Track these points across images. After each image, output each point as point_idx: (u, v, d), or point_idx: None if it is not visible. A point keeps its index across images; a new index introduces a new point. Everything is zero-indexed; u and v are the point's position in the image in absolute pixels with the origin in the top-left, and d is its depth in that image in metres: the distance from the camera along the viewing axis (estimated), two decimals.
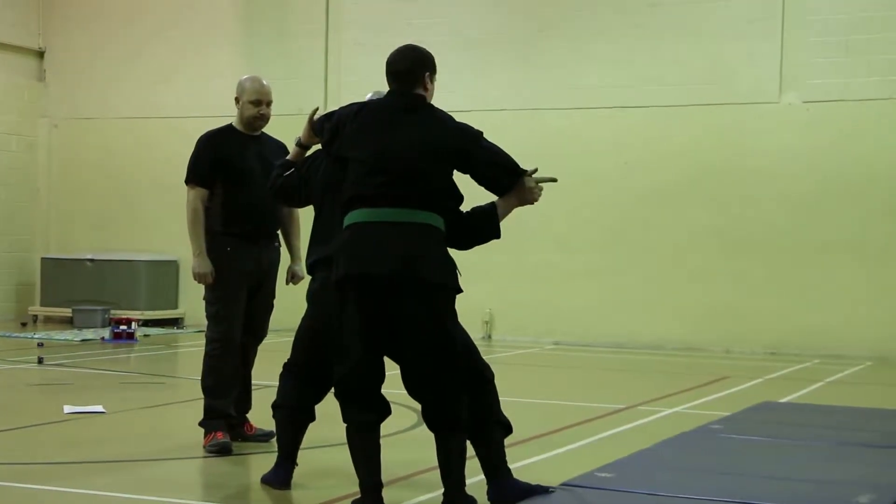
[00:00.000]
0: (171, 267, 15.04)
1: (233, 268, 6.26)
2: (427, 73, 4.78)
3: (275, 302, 6.57)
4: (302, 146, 5.26)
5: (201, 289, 6.37)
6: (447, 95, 15.05)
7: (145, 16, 15.68)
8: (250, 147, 6.39)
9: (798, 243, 12.75)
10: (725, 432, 6.57)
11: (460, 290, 4.67)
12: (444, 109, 4.87)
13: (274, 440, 5.75)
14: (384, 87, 4.98)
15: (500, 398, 4.97)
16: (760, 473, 5.39)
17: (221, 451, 6.11)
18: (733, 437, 6.40)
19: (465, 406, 4.67)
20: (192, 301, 14.71)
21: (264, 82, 6.43)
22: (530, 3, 13.94)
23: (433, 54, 4.87)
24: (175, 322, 14.87)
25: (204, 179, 6.32)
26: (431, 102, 4.80)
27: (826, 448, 6.10)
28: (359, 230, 4.59)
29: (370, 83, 12.46)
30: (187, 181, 6.37)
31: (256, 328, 6.46)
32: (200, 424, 6.28)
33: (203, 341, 6.37)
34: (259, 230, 6.37)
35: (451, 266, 4.64)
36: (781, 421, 7.15)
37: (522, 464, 5.71)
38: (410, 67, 4.77)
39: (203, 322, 6.44)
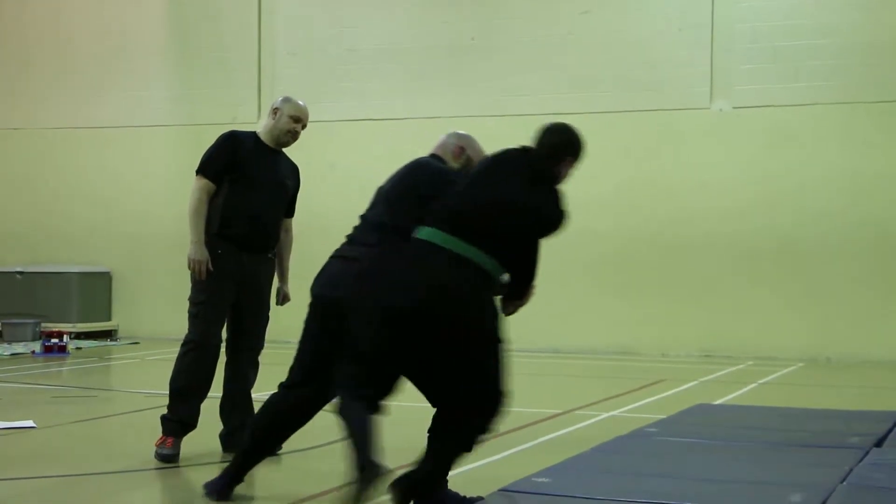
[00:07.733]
0: (104, 278, 14.82)
1: (220, 271, 6.12)
2: (569, 158, 4.94)
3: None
4: None
5: (134, 301, 6.31)
6: (382, 104, 15.13)
7: (74, 26, 15.49)
8: (268, 157, 6.28)
9: (730, 247, 12.91)
10: (661, 435, 6.61)
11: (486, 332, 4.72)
12: (381, 118, 4.85)
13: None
14: (314, 92, 4.96)
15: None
16: (695, 475, 5.45)
17: (165, 459, 6.06)
18: (668, 440, 6.45)
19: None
20: (126, 313, 14.52)
21: (307, 109, 6.35)
22: (462, 11, 13.97)
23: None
24: (108, 334, 14.64)
25: (215, 175, 6.18)
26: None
27: (759, 449, 6.17)
28: (416, 246, 4.62)
29: (303, 92, 12.52)
30: (199, 171, 6.21)
31: (250, 338, 6.30)
32: (161, 417, 6.19)
33: (139, 352, 6.29)
34: (253, 238, 6.22)
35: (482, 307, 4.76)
36: (715, 423, 7.22)
37: (460, 471, 5.71)
38: (557, 143, 4.96)
39: (137, 334, 6.37)
